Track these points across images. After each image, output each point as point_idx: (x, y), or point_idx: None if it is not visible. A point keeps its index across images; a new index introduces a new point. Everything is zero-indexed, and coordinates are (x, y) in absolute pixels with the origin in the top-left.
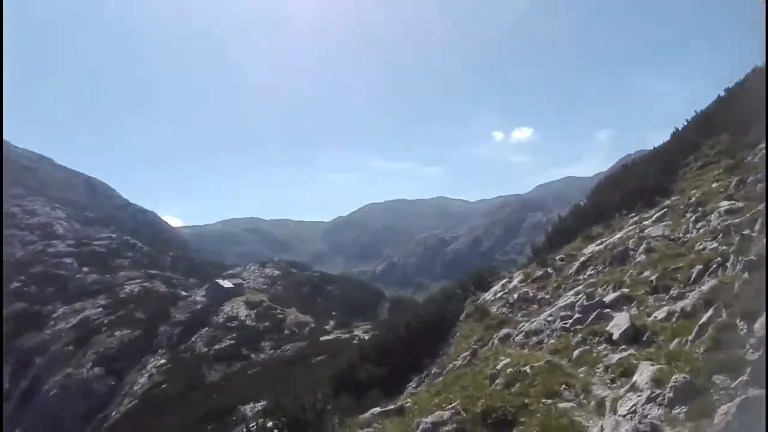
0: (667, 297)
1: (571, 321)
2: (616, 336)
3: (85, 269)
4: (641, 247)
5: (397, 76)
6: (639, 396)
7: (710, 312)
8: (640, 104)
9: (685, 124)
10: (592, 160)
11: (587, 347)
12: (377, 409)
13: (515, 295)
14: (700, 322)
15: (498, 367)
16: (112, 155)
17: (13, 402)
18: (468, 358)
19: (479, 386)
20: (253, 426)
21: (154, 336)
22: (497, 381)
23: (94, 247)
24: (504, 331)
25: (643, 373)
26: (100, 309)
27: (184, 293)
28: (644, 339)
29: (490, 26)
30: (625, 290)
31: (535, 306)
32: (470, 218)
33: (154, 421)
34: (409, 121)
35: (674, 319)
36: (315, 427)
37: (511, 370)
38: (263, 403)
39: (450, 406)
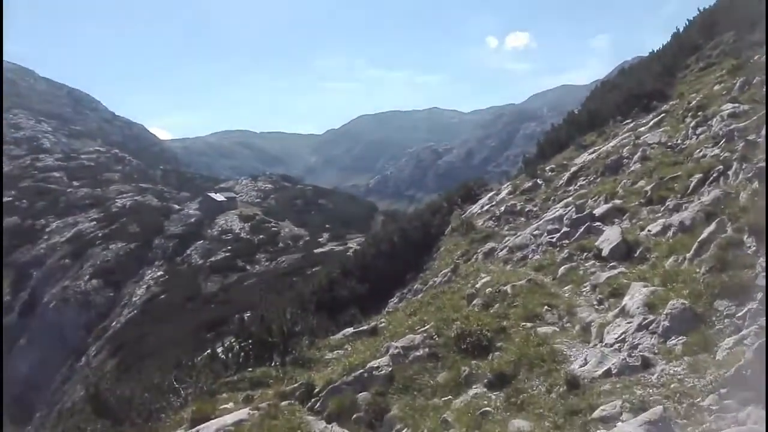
0: (662, 209)
1: (558, 235)
2: (605, 252)
3: (75, 183)
4: (636, 155)
5: None
6: (629, 323)
7: (712, 227)
8: (640, 6)
9: (687, 24)
10: (590, 68)
11: (574, 264)
12: (350, 330)
13: (502, 208)
14: (701, 238)
15: (477, 285)
16: (95, 66)
17: (16, 313)
18: (449, 274)
19: (456, 307)
20: (219, 348)
21: (149, 249)
22: (475, 301)
23: (83, 160)
24: (488, 245)
25: (635, 296)
26: (94, 222)
27: (176, 207)
28: (636, 255)
29: None
30: (618, 202)
31: (523, 219)
32: (463, 130)
33: (154, 331)
34: (403, 26)
35: (670, 233)
36: (281, 351)
37: (490, 289)
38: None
39: (423, 329)
